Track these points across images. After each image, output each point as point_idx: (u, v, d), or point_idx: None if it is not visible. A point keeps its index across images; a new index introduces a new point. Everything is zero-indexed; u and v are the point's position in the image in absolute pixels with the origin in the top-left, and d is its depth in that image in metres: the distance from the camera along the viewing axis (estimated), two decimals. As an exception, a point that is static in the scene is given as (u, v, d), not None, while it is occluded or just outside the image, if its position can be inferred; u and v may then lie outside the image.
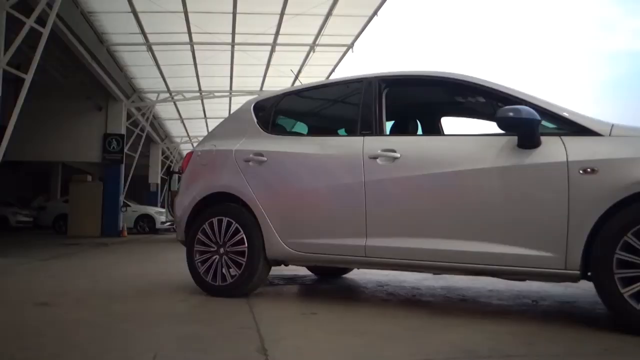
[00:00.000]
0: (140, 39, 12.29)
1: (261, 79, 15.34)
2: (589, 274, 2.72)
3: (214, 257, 3.75)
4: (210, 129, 9.70)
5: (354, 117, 3.60)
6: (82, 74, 12.95)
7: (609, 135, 2.78)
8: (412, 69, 3.71)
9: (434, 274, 4.23)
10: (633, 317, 2.52)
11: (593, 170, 2.69)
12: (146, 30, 11.80)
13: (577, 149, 2.78)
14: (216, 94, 16.36)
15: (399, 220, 3.25)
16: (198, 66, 14.06)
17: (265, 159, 3.77)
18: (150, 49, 12.83)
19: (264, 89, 15.79)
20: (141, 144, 17.93)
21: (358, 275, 5.10)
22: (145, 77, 15.28)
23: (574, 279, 2.79)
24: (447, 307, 3.52)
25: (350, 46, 13.12)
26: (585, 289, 3.75)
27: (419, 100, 4.36)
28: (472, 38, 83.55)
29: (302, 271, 5.20)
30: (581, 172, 2.72)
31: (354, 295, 4.21)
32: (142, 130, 17.56)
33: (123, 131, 15.69)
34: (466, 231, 3.03)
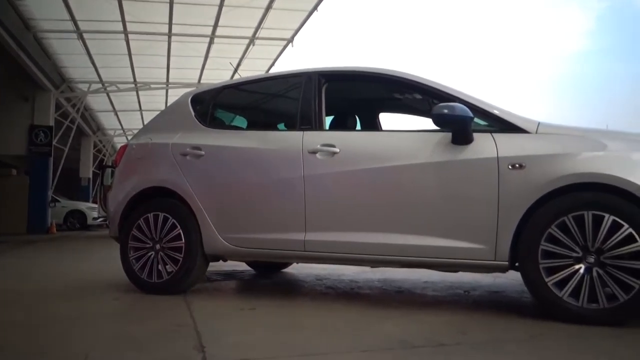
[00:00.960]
0: (70, 25, 11.70)
1: (199, 71, 15.02)
2: (517, 264, 2.87)
3: (150, 254, 3.65)
4: (146, 122, 9.41)
5: (294, 111, 3.60)
6: (6, 61, 12.17)
7: (536, 132, 2.92)
8: (352, 64, 3.74)
9: (372, 267, 4.31)
10: (556, 304, 2.68)
11: (521, 166, 2.83)
12: (77, 17, 11.25)
13: (507, 145, 2.91)
14: (152, 85, 15.86)
15: (338, 214, 3.28)
16: (133, 56, 13.56)
17: (203, 153, 3.70)
18: (81, 37, 12.24)
19: (202, 81, 15.46)
20: (71, 136, 17.08)
21: (297, 269, 5.11)
22: (75, 66, 14.57)
23: (503, 269, 2.93)
24: (385, 299, 3.60)
25: (290, 40, 13.10)
26: (512, 278, 3.94)
27: (358, 96, 4.41)
28: (411, 35, 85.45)
29: (241, 266, 5.16)
30: (510, 167, 2.85)
31: (293, 289, 4.22)
32: (72, 122, 16.73)
33: (51, 123, 14.89)
34: (403, 225, 3.10)
